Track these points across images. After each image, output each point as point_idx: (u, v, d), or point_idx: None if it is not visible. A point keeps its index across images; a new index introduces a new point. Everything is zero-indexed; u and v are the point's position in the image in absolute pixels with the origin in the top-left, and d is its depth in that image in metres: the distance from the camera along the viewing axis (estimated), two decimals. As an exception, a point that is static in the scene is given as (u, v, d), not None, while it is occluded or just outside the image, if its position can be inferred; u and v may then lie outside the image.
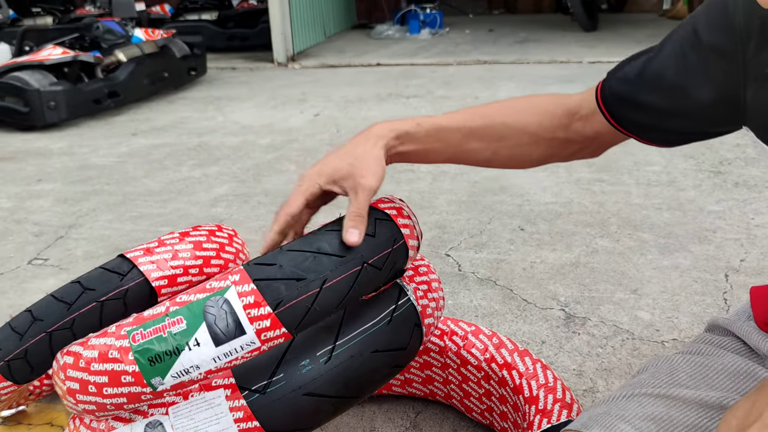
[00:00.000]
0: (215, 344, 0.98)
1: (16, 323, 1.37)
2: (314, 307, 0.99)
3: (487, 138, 1.08)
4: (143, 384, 1.00)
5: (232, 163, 3.75)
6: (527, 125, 1.07)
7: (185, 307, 1.01)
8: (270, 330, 0.98)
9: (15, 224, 3.00)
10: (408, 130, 1.06)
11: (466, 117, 1.09)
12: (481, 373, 1.51)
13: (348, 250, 1.03)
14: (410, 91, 5.34)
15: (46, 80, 4.67)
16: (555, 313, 2.04)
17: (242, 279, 1.00)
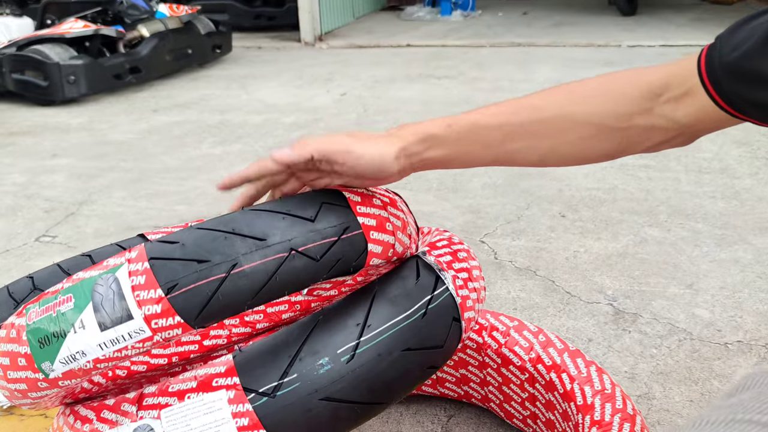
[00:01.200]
0: (100, 328, 0.83)
1: (14, 288, 1.23)
2: (218, 296, 0.83)
3: (538, 135, 0.87)
4: (35, 369, 0.87)
5: (255, 141, 3.58)
6: (592, 114, 0.85)
7: (76, 284, 0.86)
8: (161, 317, 0.82)
9: (26, 199, 2.86)
10: (435, 133, 0.88)
11: (510, 110, 0.88)
12: (525, 375, 1.32)
13: (272, 233, 0.85)
14: (441, 72, 5.13)
15: (67, 54, 4.54)
16: (602, 308, 1.84)
17: (138, 256, 0.85)
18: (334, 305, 1.01)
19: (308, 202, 0.91)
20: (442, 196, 2.67)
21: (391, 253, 0.99)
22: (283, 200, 0.93)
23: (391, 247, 0.98)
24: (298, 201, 0.92)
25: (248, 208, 0.92)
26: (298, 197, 0.93)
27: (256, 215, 0.89)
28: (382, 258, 0.98)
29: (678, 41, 5.74)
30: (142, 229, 2.48)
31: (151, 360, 1.29)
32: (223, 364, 0.97)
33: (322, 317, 0.98)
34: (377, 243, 0.95)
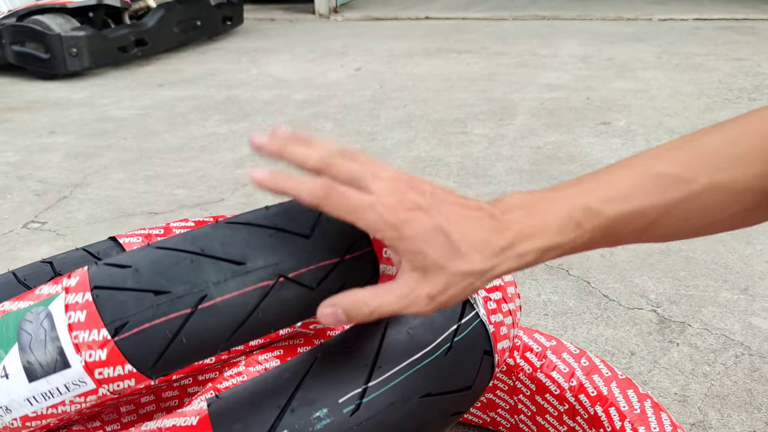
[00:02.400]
0: (28, 378, 0.65)
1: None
2: (180, 337, 0.63)
3: (686, 214, 0.60)
4: None
5: (263, 119, 3.37)
6: (756, 177, 0.59)
7: (2, 318, 0.67)
8: (107, 365, 0.63)
9: (17, 181, 2.68)
10: (564, 241, 0.58)
11: (649, 187, 0.59)
12: (565, 406, 1.12)
13: (253, 255, 0.64)
14: (462, 46, 4.88)
15: (69, 25, 4.34)
16: (645, 315, 1.63)
17: (78, 284, 0.64)
18: (335, 339, 0.80)
19: (302, 213, 0.70)
20: (463, 182, 2.46)
21: None
22: (270, 209, 0.71)
23: None
24: (289, 210, 0.70)
25: (224, 220, 0.70)
26: (289, 206, 0.72)
27: (234, 230, 0.67)
28: None
29: (713, 14, 5.44)
30: (137, 216, 2.29)
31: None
32: (196, 413, 0.77)
33: (320, 356, 0.77)
34: (392, 263, 0.74)
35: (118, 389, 0.66)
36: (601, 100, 3.38)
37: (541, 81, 3.79)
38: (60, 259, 1.00)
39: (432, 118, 3.24)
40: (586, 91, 3.55)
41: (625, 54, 4.34)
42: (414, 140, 2.94)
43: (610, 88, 3.58)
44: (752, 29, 4.82)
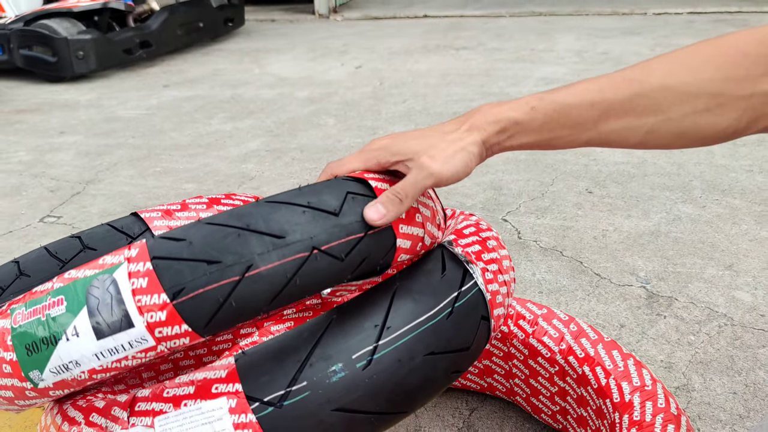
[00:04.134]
0: (96, 337, 0.73)
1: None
2: (230, 301, 0.72)
3: (639, 111, 0.72)
4: (22, 377, 0.78)
5: (267, 117, 3.46)
6: (707, 81, 0.70)
7: (70, 284, 0.75)
8: (166, 325, 0.72)
9: (31, 178, 2.78)
10: (518, 119, 0.75)
11: (604, 85, 0.74)
12: (555, 368, 1.21)
13: (291, 230, 0.74)
14: (460, 42, 4.97)
15: (75, 28, 4.44)
16: (635, 291, 1.72)
17: (139, 255, 0.73)
18: (349, 303, 0.89)
19: (332, 193, 0.79)
20: (461, 171, 2.55)
21: (420, 247, 0.87)
22: (303, 189, 0.80)
23: (420, 241, 0.86)
24: (321, 191, 0.80)
25: (264, 199, 0.80)
26: (321, 186, 0.81)
27: (274, 208, 0.76)
28: (410, 253, 0.86)
29: (707, 8, 5.52)
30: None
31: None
32: (224, 368, 0.86)
33: (335, 317, 0.86)
34: (406, 237, 0.83)
35: (174, 346, 0.75)
36: (596, 92, 3.47)
37: (537, 75, 3.87)
38: (87, 234, 1.09)
39: (431, 112, 3.33)
40: (581, 84, 3.63)
41: (620, 47, 4.42)
42: (414, 134, 3.03)
43: (604, 80, 3.67)
44: (745, 22, 4.91)
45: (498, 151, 0.78)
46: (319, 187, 0.80)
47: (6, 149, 3.18)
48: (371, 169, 0.82)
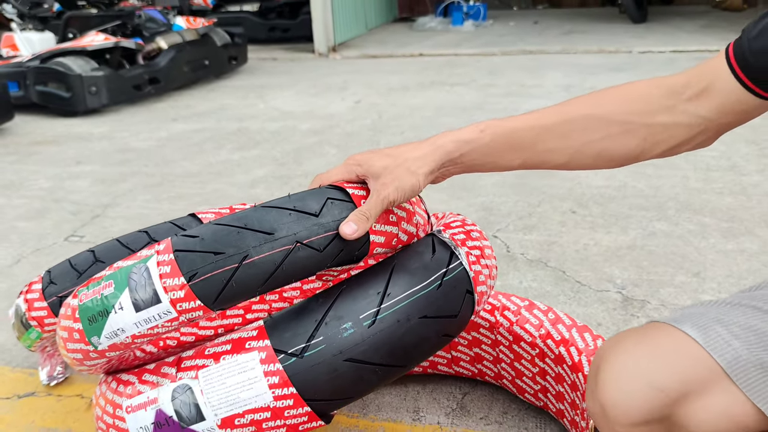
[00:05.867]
0: (135, 310, 0.96)
1: (76, 261, 1.34)
2: (231, 283, 0.93)
3: (566, 135, 0.93)
4: (86, 342, 1.00)
5: (272, 147, 3.68)
6: (616, 113, 0.91)
7: (116, 272, 0.99)
8: (184, 301, 0.94)
9: (53, 203, 2.97)
10: (468, 138, 0.96)
11: (538, 115, 0.95)
12: (536, 351, 1.39)
13: (279, 228, 0.96)
14: (454, 79, 5.22)
15: (88, 66, 4.67)
16: (611, 296, 1.91)
17: (165, 249, 0.96)
18: (355, 276, 1.08)
19: (314, 198, 1.01)
20: (455, 194, 2.75)
21: (395, 242, 1.07)
22: (291, 197, 1.02)
23: (394, 237, 1.06)
24: (305, 197, 1.02)
25: (260, 205, 1.02)
26: (306, 194, 1.03)
27: (266, 212, 0.99)
28: (386, 247, 1.06)
29: (688, 47, 5.80)
30: (166, 228, 2.57)
31: (199, 332, 1.39)
32: (255, 328, 1.05)
33: (345, 287, 1.06)
34: (379, 234, 1.03)
35: (192, 317, 0.97)
36: (581, 123, 3.70)
37: (527, 108, 4.11)
38: (154, 229, 1.30)
39: (427, 142, 3.54)
40: (568, 116, 3.86)
41: (605, 83, 4.67)
42: (411, 161, 3.24)
43: (589, 113, 3.90)
44: (724, 59, 5.15)
45: (453, 169, 1.00)
46: (305, 194, 1.03)
47: (27, 177, 3.38)
48: (351, 180, 1.04)
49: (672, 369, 0.80)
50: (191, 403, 1.00)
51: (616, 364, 0.83)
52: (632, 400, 0.81)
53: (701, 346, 0.79)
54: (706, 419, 0.79)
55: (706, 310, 0.84)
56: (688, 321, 0.82)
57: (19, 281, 2.21)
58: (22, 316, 1.37)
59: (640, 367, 0.81)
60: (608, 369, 0.84)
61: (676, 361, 0.80)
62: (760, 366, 0.77)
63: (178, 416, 1.01)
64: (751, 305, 0.83)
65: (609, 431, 0.86)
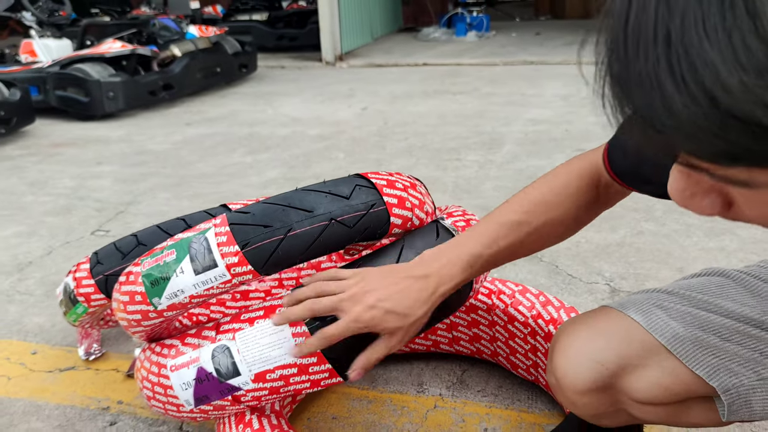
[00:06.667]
0: (194, 273, 1.11)
1: (121, 243, 1.50)
2: (278, 251, 1.10)
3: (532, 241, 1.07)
4: (147, 303, 1.15)
5: (283, 151, 3.85)
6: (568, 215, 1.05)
7: (178, 242, 1.14)
8: (238, 266, 1.10)
9: (78, 200, 3.14)
10: (463, 279, 1.07)
11: (508, 230, 1.05)
12: (528, 329, 1.56)
13: (317, 207, 1.13)
14: (457, 88, 5.40)
15: (106, 72, 4.86)
16: (600, 287, 2.08)
17: (221, 222, 1.12)
18: (372, 253, 1.26)
19: (345, 185, 1.19)
20: (456, 196, 2.92)
21: (410, 225, 1.25)
22: (326, 183, 1.20)
23: (409, 221, 1.24)
24: (337, 183, 1.20)
25: (301, 188, 1.19)
26: (337, 181, 1.21)
27: (306, 194, 1.17)
28: (402, 228, 1.24)
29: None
30: (186, 224, 2.74)
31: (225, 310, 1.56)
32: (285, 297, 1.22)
33: (362, 261, 1.23)
34: (398, 217, 1.21)
35: (243, 280, 1.13)
36: (578, 131, 3.88)
37: (526, 116, 4.28)
38: (189, 216, 1.47)
39: (430, 147, 3.72)
40: (565, 124, 4.05)
41: (602, 93, 4.84)
42: (415, 165, 3.42)
43: (586, 121, 4.08)
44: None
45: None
46: (337, 181, 1.22)
47: (52, 176, 3.56)
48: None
49: (612, 347, 0.98)
50: (229, 361, 1.17)
51: (566, 343, 1.03)
52: (578, 372, 0.99)
53: (643, 328, 0.97)
54: (641, 387, 0.96)
55: (649, 296, 1.01)
56: (633, 306, 1.00)
57: (52, 271, 2.38)
58: (71, 293, 1.53)
59: (584, 345, 1.00)
60: (560, 347, 1.03)
61: (617, 340, 0.98)
62: (695, 341, 0.94)
63: (217, 372, 1.17)
64: (686, 294, 1.01)
65: (563, 399, 1.05)
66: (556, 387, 1.04)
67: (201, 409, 1.22)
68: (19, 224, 2.87)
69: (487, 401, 1.59)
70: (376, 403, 1.59)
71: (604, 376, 0.98)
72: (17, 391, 1.69)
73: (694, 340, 0.94)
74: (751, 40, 0.37)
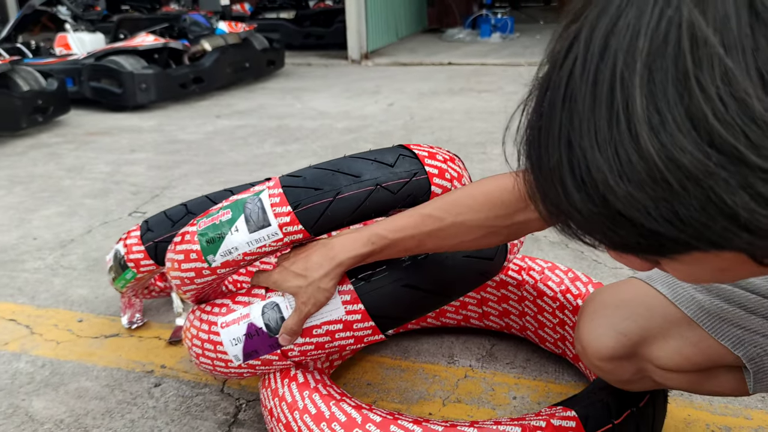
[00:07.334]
0: (249, 231, 1.18)
1: (171, 212, 1.58)
2: (327, 213, 1.17)
3: (442, 238, 1.11)
4: (202, 260, 1.22)
5: (312, 142, 3.94)
6: (482, 220, 1.05)
7: (233, 203, 1.22)
8: (290, 225, 1.17)
9: (114, 185, 3.24)
10: (362, 253, 1.14)
11: (417, 222, 1.10)
12: (556, 304, 1.61)
13: (364, 173, 1.20)
14: (481, 86, 5.46)
15: (139, 64, 4.98)
16: (624, 272, 2.13)
17: (275, 185, 1.20)
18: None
19: (390, 153, 1.26)
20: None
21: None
22: (371, 151, 1.26)
23: (447, 189, 1.30)
24: (383, 152, 1.27)
25: (349, 156, 1.26)
26: (382, 150, 1.28)
27: (354, 161, 1.24)
28: None
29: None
30: (220, 207, 2.83)
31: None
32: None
33: None
34: (438, 186, 1.27)
35: (293, 239, 1.20)
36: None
37: (552, 114, 4.33)
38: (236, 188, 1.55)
39: (456, 141, 3.79)
40: (591, 121, 4.09)
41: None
42: (442, 158, 3.48)
43: (611, 119, 4.12)
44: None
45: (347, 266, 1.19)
46: (382, 150, 1.28)
47: (88, 162, 3.67)
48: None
49: (635, 318, 1.04)
50: (278, 316, 1.24)
51: (591, 313, 1.09)
52: (601, 341, 1.06)
53: (668, 299, 1.03)
54: (663, 356, 1.02)
55: None
56: (659, 279, 1.06)
57: (92, 248, 2.47)
58: (121, 259, 1.62)
59: (609, 315, 1.07)
60: (586, 317, 1.10)
61: (640, 312, 1.04)
62: (719, 313, 1.00)
63: (267, 327, 1.24)
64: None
65: (589, 365, 1.11)
66: (582, 354, 1.11)
67: (249, 364, 1.29)
68: (59, 205, 2.97)
69: (515, 373, 1.65)
70: (409, 372, 1.66)
71: (626, 346, 1.04)
72: (66, 354, 1.78)
73: (719, 312, 1.00)
74: (632, 155, 0.43)
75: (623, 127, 0.43)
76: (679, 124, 0.41)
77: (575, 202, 0.47)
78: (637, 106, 0.42)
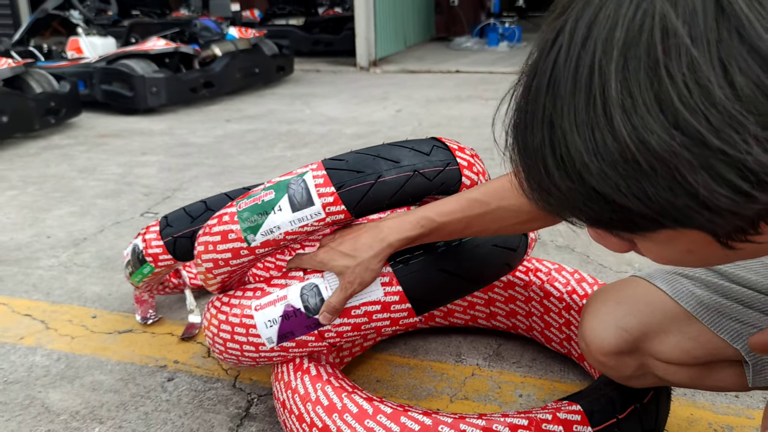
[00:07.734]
0: (292, 210, 1.20)
1: (190, 208, 1.60)
2: (369, 195, 1.20)
3: (487, 222, 1.16)
4: (241, 240, 1.24)
5: (321, 147, 3.98)
6: (525, 205, 1.08)
7: (276, 183, 1.24)
8: (333, 205, 1.20)
9: (126, 186, 3.29)
10: (411, 236, 1.19)
11: (465, 206, 1.15)
12: (563, 304, 1.65)
13: (403, 159, 1.24)
14: (489, 94, 5.50)
15: (150, 68, 5.04)
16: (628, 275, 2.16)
17: (318, 167, 1.23)
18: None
19: (426, 143, 1.31)
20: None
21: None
22: (408, 141, 1.31)
23: (475, 183, 1.34)
24: (418, 142, 1.32)
25: (388, 143, 1.30)
26: (417, 140, 1.32)
27: (393, 148, 1.28)
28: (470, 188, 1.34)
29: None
30: (231, 208, 2.87)
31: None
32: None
33: None
34: (467, 177, 1.31)
35: (335, 219, 1.23)
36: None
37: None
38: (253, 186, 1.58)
39: (464, 147, 3.82)
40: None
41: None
42: (450, 163, 3.52)
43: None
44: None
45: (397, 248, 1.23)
46: (418, 140, 1.33)
47: (99, 164, 3.71)
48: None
49: (636, 314, 1.08)
50: (317, 297, 1.26)
51: (594, 310, 1.13)
52: (603, 338, 1.10)
53: (668, 296, 1.06)
54: (664, 350, 1.06)
55: (675, 267, 1.11)
56: (659, 276, 1.10)
57: (105, 246, 2.51)
58: (139, 253, 1.65)
59: (611, 312, 1.10)
60: (589, 314, 1.13)
61: (641, 308, 1.08)
62: (718, 308, 1.04)
63: (306, 308, 1.26)
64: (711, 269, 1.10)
65: (592, 361, 1.15)
66: (586, 350, 1.14)
67: (282, 347, 1.29)
68: (72, 205, 3.02)
69: (521, 371, 1.68)
70: (417, 370, 1.69)
71: (628, 342, 1.07)
72: (81, 348, 1.81)
73: (717, 306, 1.03)
74: (607, 136, 0.47)
75: (599, 110, 0.47)
76: (649, 107, 0.45)
77: (555, 179, 0.51)
78: (612, 90, 0.46)
